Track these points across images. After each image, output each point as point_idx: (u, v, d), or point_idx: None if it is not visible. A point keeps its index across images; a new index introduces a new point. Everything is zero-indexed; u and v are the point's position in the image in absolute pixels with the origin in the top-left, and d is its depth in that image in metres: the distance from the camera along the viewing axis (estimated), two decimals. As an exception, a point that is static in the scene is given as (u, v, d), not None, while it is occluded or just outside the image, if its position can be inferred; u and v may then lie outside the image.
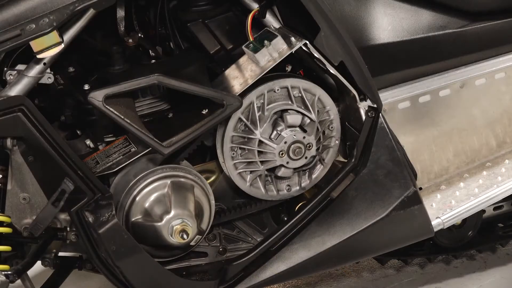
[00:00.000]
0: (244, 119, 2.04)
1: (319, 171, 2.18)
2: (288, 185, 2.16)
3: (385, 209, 2.11)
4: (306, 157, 2.10)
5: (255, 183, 2.12)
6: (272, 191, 2.15)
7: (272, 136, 2.07)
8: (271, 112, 2.06)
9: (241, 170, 2.09)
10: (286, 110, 2.07)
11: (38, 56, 1.80)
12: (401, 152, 2.14)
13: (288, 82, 2.06)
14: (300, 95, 2.08)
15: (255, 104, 2.04)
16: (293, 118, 2.07)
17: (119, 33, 2.12)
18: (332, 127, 2.14)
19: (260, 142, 2.06)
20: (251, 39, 2.05)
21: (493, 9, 2.29)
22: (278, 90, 2.06)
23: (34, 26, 1.75)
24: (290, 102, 2.07)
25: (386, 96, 2.23)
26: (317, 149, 2.12)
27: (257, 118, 2.04)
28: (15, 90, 1.83)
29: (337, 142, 2.16)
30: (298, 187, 2.17)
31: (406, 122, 2.28)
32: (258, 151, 2.07)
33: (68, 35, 1.83)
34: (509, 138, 2.43)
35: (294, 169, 2.12)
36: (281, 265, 2.11)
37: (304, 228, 2.11)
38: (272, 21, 2.11)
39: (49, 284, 2.13)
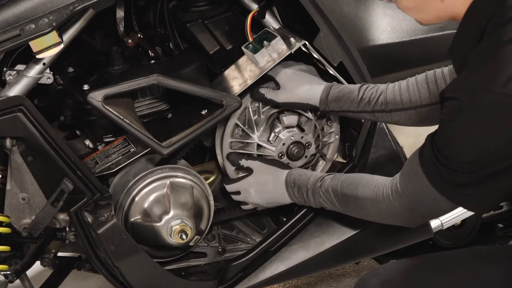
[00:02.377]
0: (240, 124, 2.04)
1: (321, 168, 2.18)
2: (290, 185, 2.16)
3: (384, 209, 2.11)
4: (306, 156, 2.09)
5: (257, 185, 2.12)
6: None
7: (270, 139, 2.07)
8: (267, 115, 2.06)
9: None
10: (282, 112, 2.07)
11: (38, 56, 1.80)
12: (400, 152, 2.14)
13: None
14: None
15: (250, 108, 2.04)
16: (289, 119, 2.07)
17: (118, 33, 2.12)
18: (330, 123, 2.14)
19: (259, 145, 2.06)
20: (251, 40, 2.05)
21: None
22: None
23: (33, 26, 1.75)
24: (286, 103, 2.07)
25: (386, 97, 2.23)
26: (317, 147, 2.12)
27: (254, 122, 2.04)
28: (15, 90, 1.83)
29: (337, 136, 2.16)
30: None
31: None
32: (258, 155, 2.07)
33: (68, 35, 1.83)
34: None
35: (295, 169, 2.12)
36: (280, 266, 2.11)
37: (303, 228, 2.11)
38: (271, 22, 2.12)
39: (48, 284, 2.12)
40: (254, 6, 2.09)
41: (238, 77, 2.04)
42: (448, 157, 1.50)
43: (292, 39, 2.01)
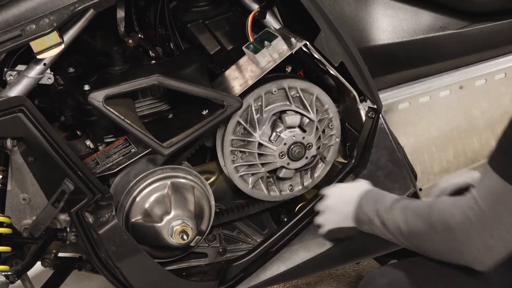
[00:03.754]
0: (242, 122, 2.04)
1: (321, 170, 2.17)
2: (291, 185, 2.16)
3: (385, 209, 2.11)
4: (306, 157, 2.09)
5: (257, 185, 2.12)
6: (274, 192, 2.15)
7: (272, 138, 2.07)
8: (270, 114, 2.06)
9: (243, 173, 2.08)
10: (284, 111, 2.07)
11: (38, 57, 1.80)
12: (401, 153, 2.14)
13: (286, 83, 2.06)
14: (298, 95, 2.08)
15: (253, 107, 2.04)
16: (291, 119, 2.06)
17: (119, 33, 2.12)
18: (332, 125, 2.14)
19: (260, 144, 2.06)
20: (251, 40, 2.05)
21: (493, 10, 2.29)
22: (275, 91, 2.06)
23: (34, 26, 1.75)
24: (288, 103, 2.07)
25: (386, 97, 2.23)
26: (318, 148, 2.12)
27: (256, 120, 2.04)
28: (16, 91, 1.83)
29: (337, 139, 2.16)
30: (300, 187, 2.17)
31: (406, 122, 2.27)
32: (259, 154, 2.07)
33: (68, 35, 1.83)
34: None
35: (296, 169, 2.11)
36: (281, 266, 2.11)
37: (304, 229, 2.11)
38: (272, 22, 2.12)
39: (49, 284, 2.13)
40: (255, 6, 2.09)
41: (239, 77, 2.04)
42: None
43: (293, 39, 2.02)
